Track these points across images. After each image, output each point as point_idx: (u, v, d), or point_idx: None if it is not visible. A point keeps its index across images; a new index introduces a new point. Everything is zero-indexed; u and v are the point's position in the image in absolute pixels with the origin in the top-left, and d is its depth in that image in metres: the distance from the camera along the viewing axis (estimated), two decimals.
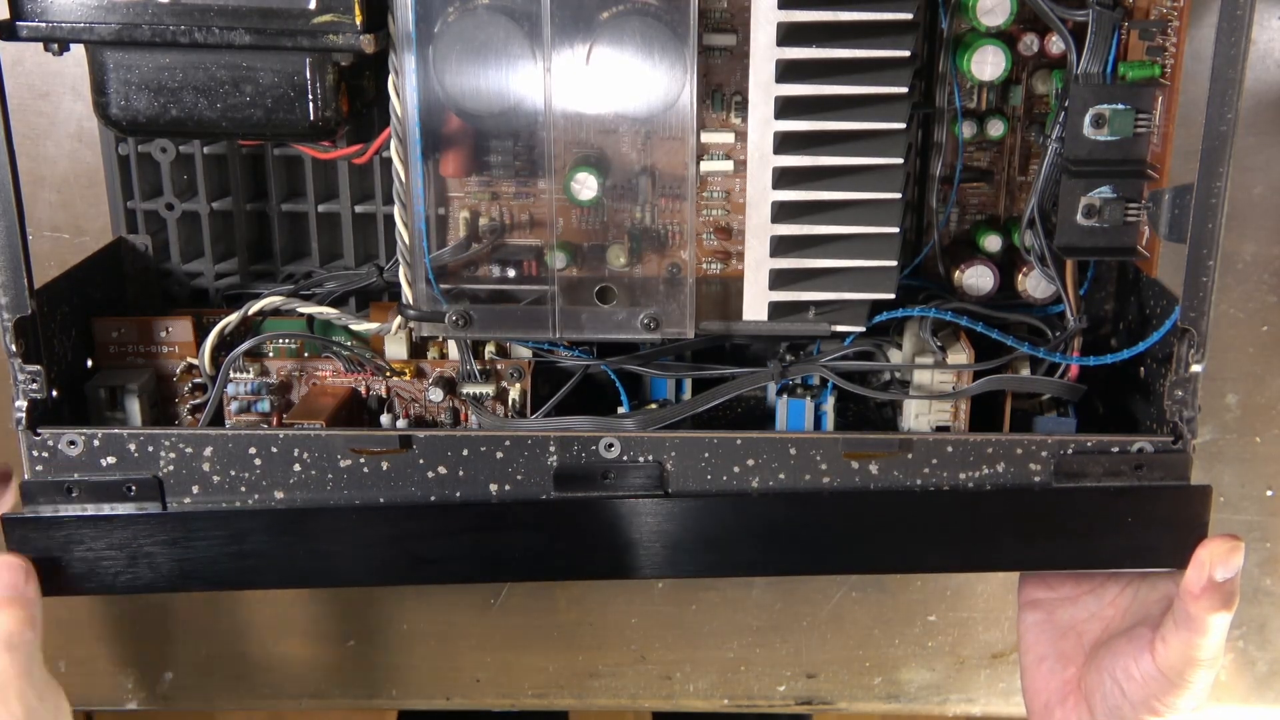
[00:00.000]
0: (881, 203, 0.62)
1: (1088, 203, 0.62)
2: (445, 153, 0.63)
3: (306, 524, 0.65)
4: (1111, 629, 0.67)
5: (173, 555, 0.64)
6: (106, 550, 0.64)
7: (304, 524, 0.65)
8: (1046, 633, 0.69)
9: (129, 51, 0.58)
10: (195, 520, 0.64)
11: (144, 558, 0.64)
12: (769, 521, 0.64)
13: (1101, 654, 0.65)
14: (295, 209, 0.75)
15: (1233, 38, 0.55)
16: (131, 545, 0.64)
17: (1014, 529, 0.64)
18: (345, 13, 0.57)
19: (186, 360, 0.70)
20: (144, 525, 0.64)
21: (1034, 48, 0.66)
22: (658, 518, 0.64)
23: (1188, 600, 0.60)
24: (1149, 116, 0.61)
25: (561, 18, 0.59)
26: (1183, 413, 0.62)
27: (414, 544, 0.65)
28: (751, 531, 0.65)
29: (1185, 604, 0.60)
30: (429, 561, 0.65)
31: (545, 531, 0.65)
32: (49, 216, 0.83)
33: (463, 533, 0.65)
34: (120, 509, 0.64)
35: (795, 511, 0.64)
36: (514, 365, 0.69)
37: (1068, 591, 0.69)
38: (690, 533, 0.64)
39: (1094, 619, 0.68)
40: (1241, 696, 0.93)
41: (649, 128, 0.63)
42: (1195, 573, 0.60)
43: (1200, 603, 0.60)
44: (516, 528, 0.65)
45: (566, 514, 0.64)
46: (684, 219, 0.64)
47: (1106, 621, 0.67)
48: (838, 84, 0.61)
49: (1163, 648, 0.62)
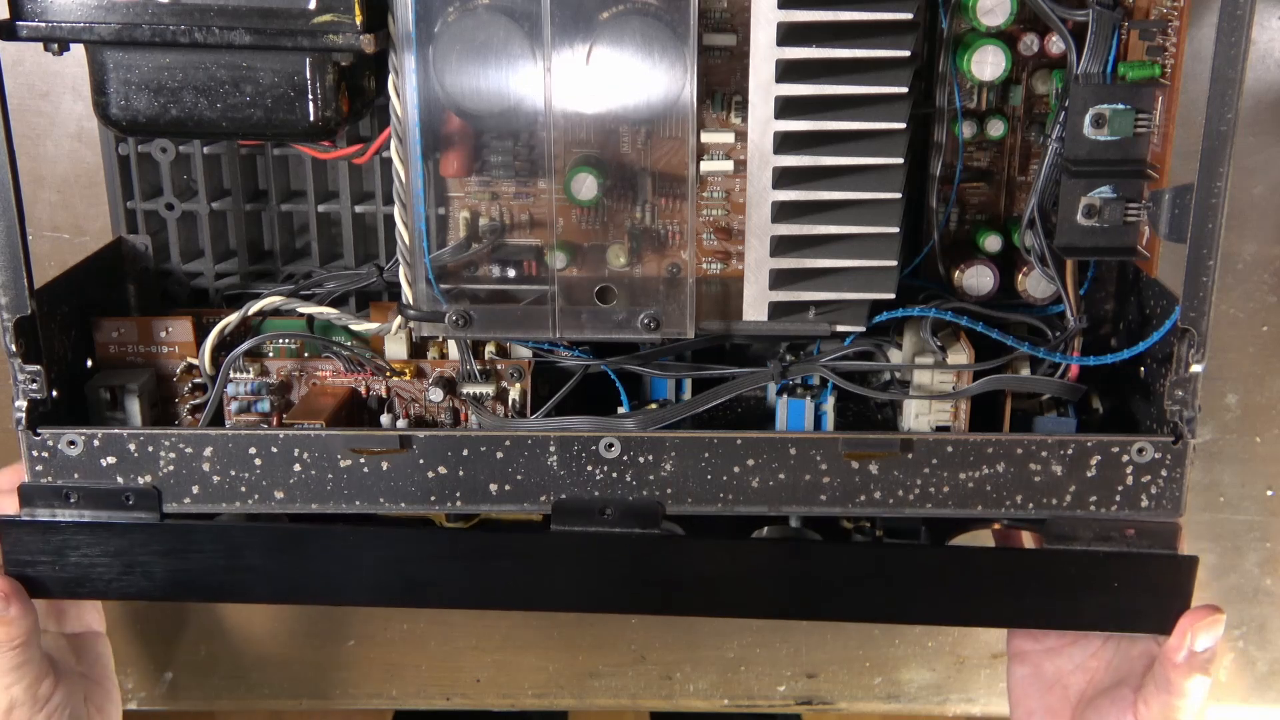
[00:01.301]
0: (881, 203, 0.62)
1: (1088, 203, 0.62)
2: (445, 153, 0.63)
3: (302, 542, 0.65)
4: (1096, 682, 0.68)
5: (168, 565, 0.64)
6: (101, 557, 0.64)
7: (300, 542, 0.65)
8: (1034, 686, 0.71)
9: (129, 51, 0.58)
10: (192, 532, 0.64)
11: (139, 566, 0.64)
12: (763, 568, 0.66)
13: (1088, 713, 0.67)
14: (295, 209, 0.75)
15: (1233, 38, 0.55)
16: (127, 554, 0.64)
17: (1003, 587, 0.66)
18: (345, 13, 0.57)
19: (186, 360, 0.70)
20: (140, 534, 0.64)
21: (1034, 48, 0.66)
22: (653, 557, 0.65)
23: (1169, 667, 0.63)
24: (1149, 116, 0.61)
25: (561, 18, 0.59)
26: (1183, 413, 0.62)
27: (409, 566, 0.66)
28: (744, 577, 0.66)
29: (1166, 670, 0.63)
30: (423, 584, 0.66)
31: (540, 563, 0.66)
32: (49, 216, 0.83)
33: (457, 558, 0.66)
34: (117, 517, 0.64)
35: (787, 560, 0.66)
36: (514, 365, 0.69)
37: (1052, 643, 0.71)
38: (684, 573, 0.66)
39: (1079, 670, 0.70)
40: (1241, 696, 0.93)
41: (649, 128, 0.63)
42: (1177, 641, 0.63)
43: (1181, 670, 0.62)
44: (512, 556, 0.65)
45: (563, 548, 0.65)
46: (684, 219, 0.64)
47: (1091, 674, 0.69)
48: (838, 84, 0.61)
49: (1144, 709, 0.64)
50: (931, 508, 0.63)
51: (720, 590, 0.67)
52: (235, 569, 0.65)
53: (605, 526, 0.64)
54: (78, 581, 0.65)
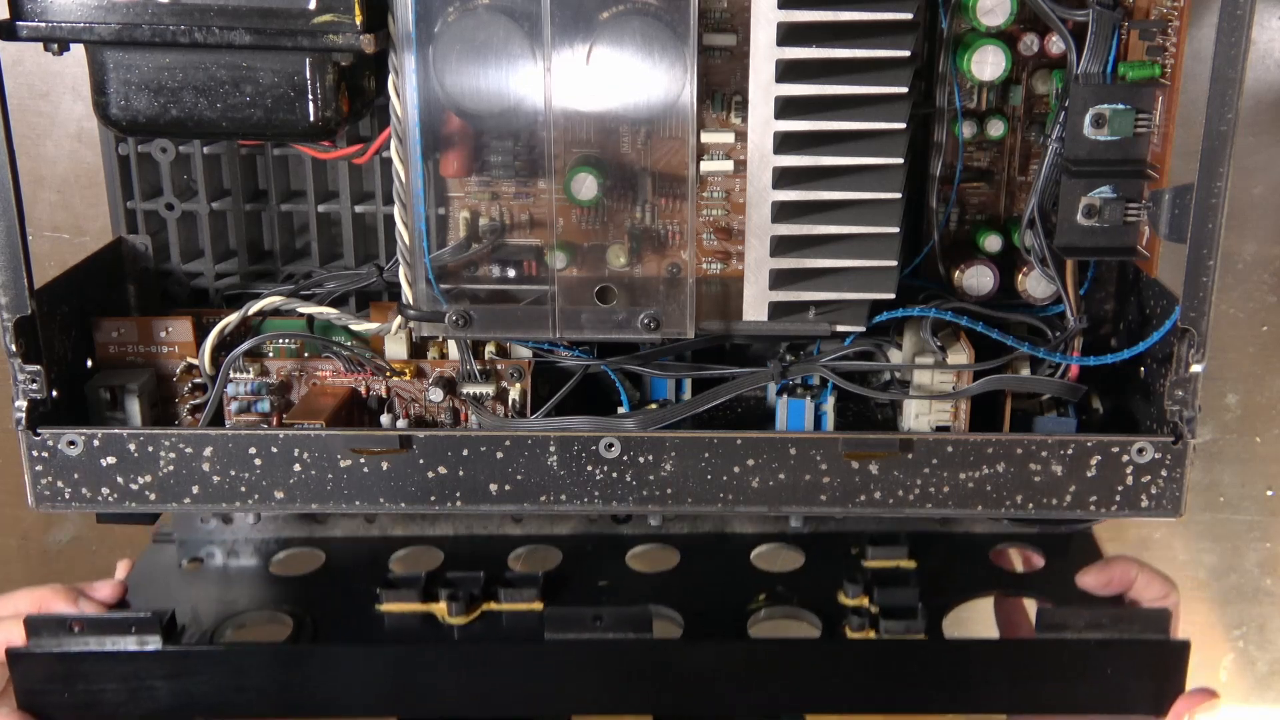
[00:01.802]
0: (881, 203, 0.62)
1: (1088, 203, 0.62)
2: (445, 153, 0.63)
3: (302, 660, 0.67)
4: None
5: (172, 688, 0.66)
6: (108, 683, 0.66)
7: (300, 660, 0.67)
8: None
9: (129, 51, 0.58)
10: (195, 656, 0.67)
11: (145, 690, 0.66)
12: (759, 667, 0.68)
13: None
14: (295, 209, 0.75)
15: (1233, 38, 0.55)
16: (133, 679, 0.66)
17: (1001, 677, 0.67)
18: (345, 13, 0.57)
19: (186, 360, 0.70)
20: (145, 660, 0.66)
21: (1034, 48, 0.66)
22: (647, 661, 0.67)
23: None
24: (1149, 116, 0.61)
25: (561, 18, 0.59)
26: (1183, 413, 0.62)
27: (406, 680, 0.67)
28: (740, 676, 0.68)
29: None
30: (421, 697, 0.68)
31: (536, 672, 0.67)
32: (49, 216, 0.83)
33: (454, 670, 0.67)
34: (121, 644, 0.66)
35: (784, 659, 0.68)
36: (514, 365, 0.69)
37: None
38: (679, 676, 0.67)
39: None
40: (1242, 696, 0.93)
41: (649, 128, 0.62)
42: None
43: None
44: (508, 666, 0.67)
45: (558, 656, 0.67)
46: (684, 219, 0.64)
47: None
48: (838, 84, 0.61)
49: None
50: (931, 507, 0.63)
51: (716, 691, 0.68)
52: (238, 688, 0.67)
53: (598, 633, 0.66)
54: (86, 706, 0.66)
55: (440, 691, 0.68)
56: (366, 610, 0.70)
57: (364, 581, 0.72)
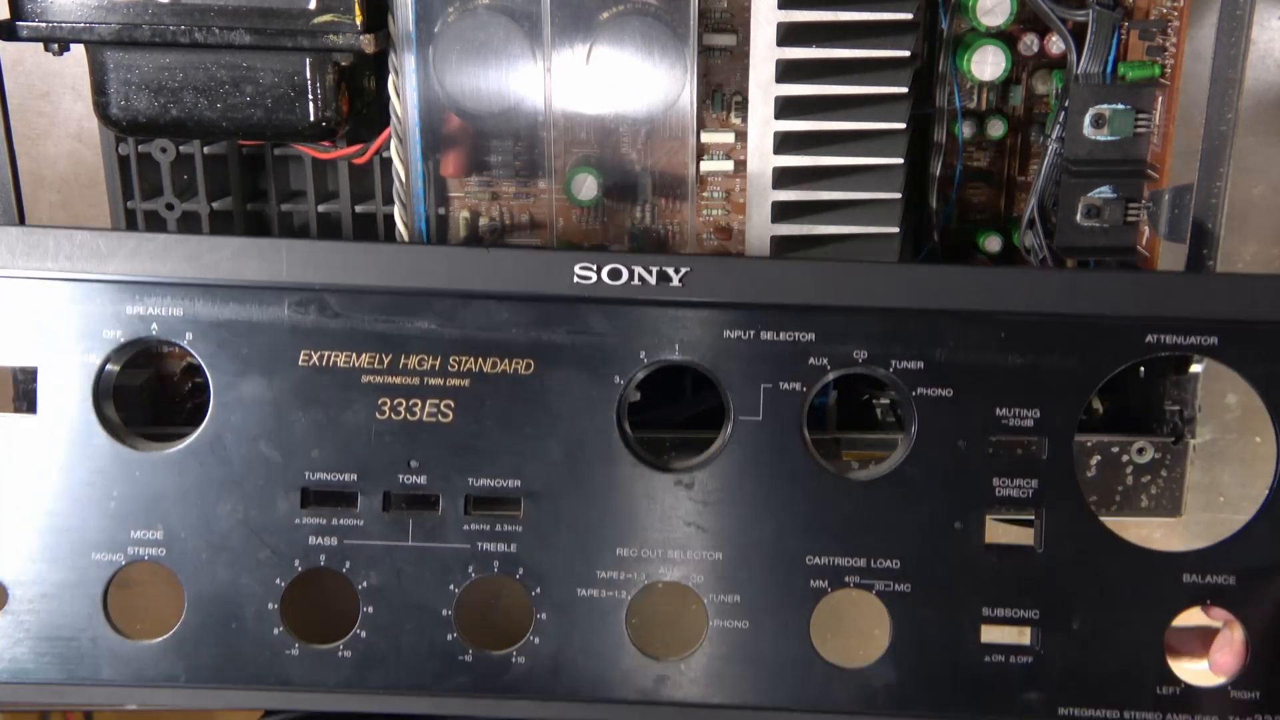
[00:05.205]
0: (881, 203, 0.62)
1: (1088, 203, 0.62)
2: (445, 153, 0.63)
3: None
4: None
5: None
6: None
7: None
8: None
9: (129, 51, 0.58)
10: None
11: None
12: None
13: None
14: (295, 209, 0.75)
15: (1233, 38, 0.55)
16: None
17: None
18: (345, 13, 0.57)
19: (186, 360, 0.70)
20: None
21: (1034, 48, 0.66)
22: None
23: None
24: (1149, 116, 0.61)
25: (561, 18, 0.59)
26: (1183, 413, 0.62)
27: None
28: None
29: None
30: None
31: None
32: (49, 216, 0.83)
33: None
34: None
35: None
36: None
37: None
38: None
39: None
40: None
41: (649, 128, 0.63)
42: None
43: None
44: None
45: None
46: (684, 219, 0.64)
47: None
48: (838, 84, 0.61)
49: None
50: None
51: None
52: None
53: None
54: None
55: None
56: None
57: None
